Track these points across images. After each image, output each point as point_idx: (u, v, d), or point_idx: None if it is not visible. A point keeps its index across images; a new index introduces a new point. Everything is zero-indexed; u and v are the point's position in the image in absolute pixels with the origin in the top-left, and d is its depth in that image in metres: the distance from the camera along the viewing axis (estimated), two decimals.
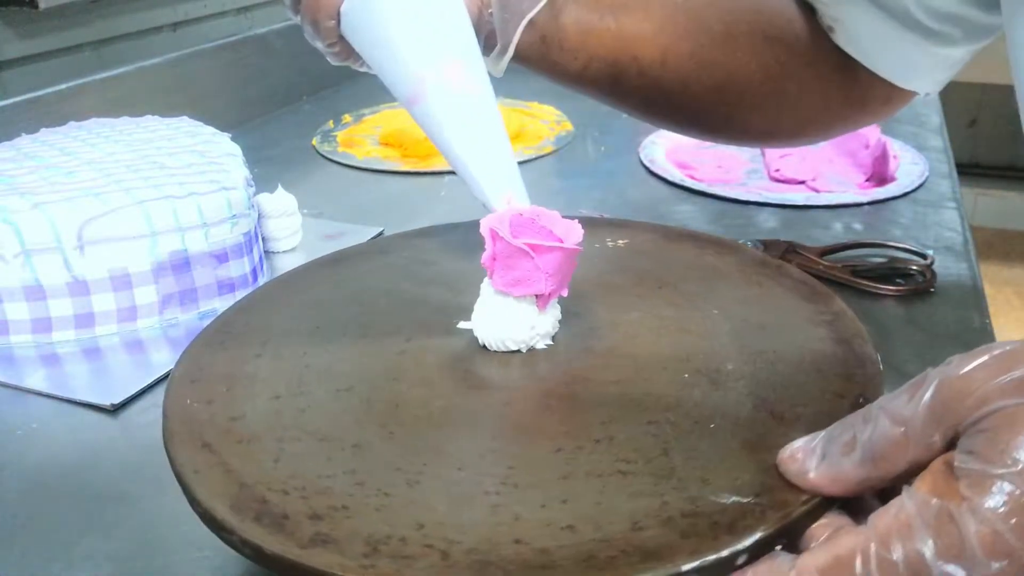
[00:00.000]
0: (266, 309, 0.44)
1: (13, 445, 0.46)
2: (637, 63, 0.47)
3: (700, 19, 0.48)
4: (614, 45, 0.46)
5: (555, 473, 0.31)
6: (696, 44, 0.48)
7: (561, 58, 0.46)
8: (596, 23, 0.46)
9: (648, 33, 0.47)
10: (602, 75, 0.47)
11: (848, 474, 0.26)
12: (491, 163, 0.39)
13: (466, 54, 0.40)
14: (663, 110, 0.51)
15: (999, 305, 2.03)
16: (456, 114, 0.39)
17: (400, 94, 0.40)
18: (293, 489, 0.30)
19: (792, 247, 0.61)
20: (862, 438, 0.26)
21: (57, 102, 0.80)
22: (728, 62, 0.48)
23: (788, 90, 0.50)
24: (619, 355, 0.38)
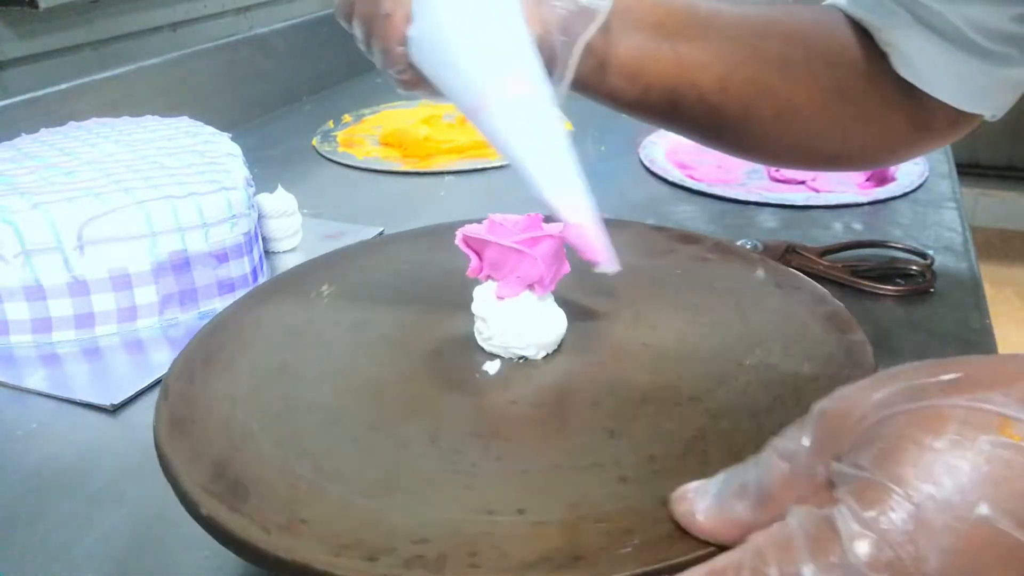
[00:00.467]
0: (263, 308, 0.43)
1: (13, 445, 0.46)
2: (697, 90, 0.47)
3: (757, 46, 0.48)
4: (673, 72, 0.46)
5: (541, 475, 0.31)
6: (754, 71, 0.48)
7: (620, 84, 0.46)
8: (654, 50, 0.46)
9: (706, 61, 0.47)
10: (661, 102, 0.47)
11: (736, 517, 0.25)
12: (553, 168, 0.40)
13: (527, 66, 0.41)
14: (725, 136, 0.51)
15: (999, 305, 2.03)
16: (517, 122, 0.40)
17: (462, 107, 0.41)
18: (285, 480, 0.31)
19: (792, 247, 0.61)
20: (751, 479, 0.25)
21: (57, 102, 0.80)
22: (787, 89, 0.48)
23: (851, 115, 0.50)
24: (623, 361, 0.38)
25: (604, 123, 0.96)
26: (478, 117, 0.41)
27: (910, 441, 0.22)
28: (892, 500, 0.21)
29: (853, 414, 0.23)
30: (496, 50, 0.40)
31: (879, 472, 0.22)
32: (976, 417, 0.22)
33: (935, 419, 0.22)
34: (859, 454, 0.23)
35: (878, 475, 0.22)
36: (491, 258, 0.38)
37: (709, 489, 0.26)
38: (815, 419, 0.24)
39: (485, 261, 0.38)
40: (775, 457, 0.24)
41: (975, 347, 0.52)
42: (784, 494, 0.24)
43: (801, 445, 0.24)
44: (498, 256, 0.38)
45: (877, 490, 0.22)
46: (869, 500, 0.21)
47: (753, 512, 0.24)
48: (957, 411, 0.22)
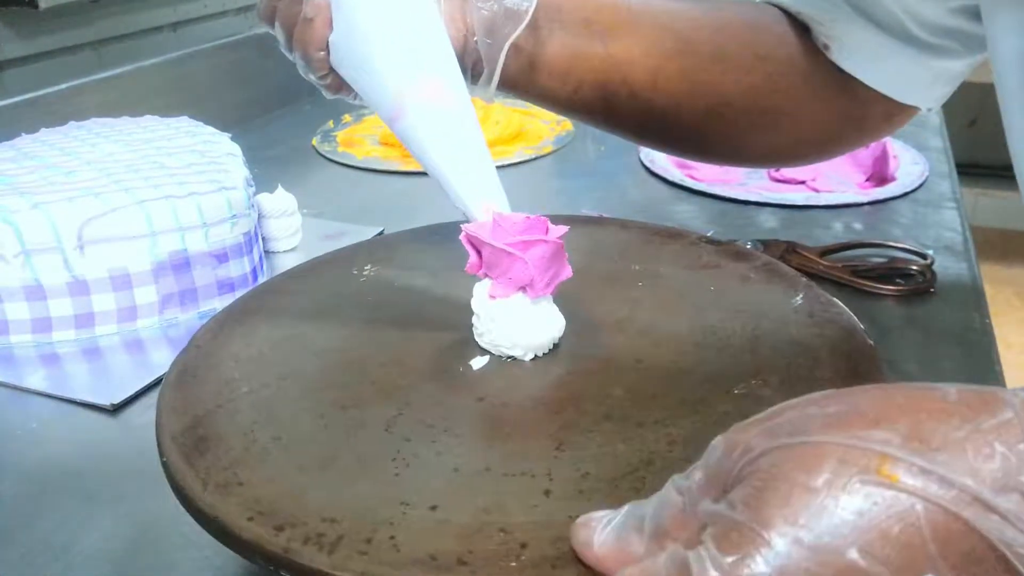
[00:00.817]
0: (264, 307, 0.44)
1: (13, 445, 0.46)
2: (628, 86, 0.47)
3: (688, 40, 0.48)
4: (603, 68, 0.46)
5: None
6: (686, 65, 0.47)
7: (550, 83, 0.46)
8: (584, 47, 0.46)
9: (637, 55, 0.47)
10: (593, 99, 0.47)
11: (630, 550, 0.24)
12: (471, 175, 0.39)
13: (444, 71, 0.40)
14: (658, 133, 0.51)
15: (999, 305, 2.03)
16: (434, 129, 0.39)
17: (383, 114, 0.41)
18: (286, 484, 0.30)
19: (792, 247, 0.61)
20: (648, 514, 0.24)
21: (57, 102, 0.80)
22: (719, 82, 0.48)
23: (783, 109, 0.50)
24: (622, 359, 0.38)
25: None
26: (395, 126, 0.40)
27: (783, 480, 0.21)
28: (755, 544, 0.20)
29: (738, 448, 0.23)
30: (412, 55, 0.40)
31: (747, 513, 0.21)
32: (854, 455, 0.21)
33: (811, 456, 0.21)
34: (735, 491, 0.22)
35: (744, 516, 0.21)
36: (488, 257, 0.38)
37: (611, 520, 0.25)
38: (708, 453, 0.24)
39: (484, 260, 0.38)
40: (672, 491, 0.24)
41: (975, 347, 0.52)
42: (676, 530, 0.23)
43: (694, 480, 0.23)
44: (493, 256, 0.38)
45: (742, 533, 0.21)
46: (732, 543, 0.21)
47: (647, 547, 0.23)
48: (835, 448, 0.21)
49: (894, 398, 0.22)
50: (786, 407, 0.23)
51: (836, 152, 0.56)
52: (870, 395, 0.22)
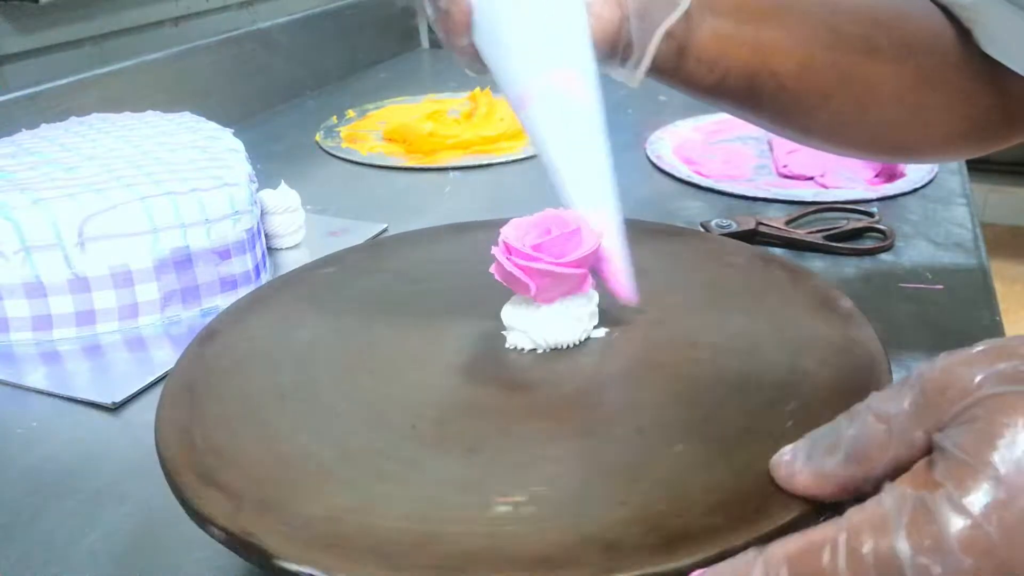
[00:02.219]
0: (269, 307, 0.43)
1: (13, 444, 0.46)
2: (775, 77, 0.46)
3: (840, 31, 0.47)
4: (750, 57, 0.45)
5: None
6: (836, 56, 0.46)
7: (697, 70, 0.45)
8: (734, 35, 0.45)
9: (786, 45, 0.46)
10: (739, 88, 0.46)
11: (831, 474, 0.25)
12: (584, 175, 0.39)
13: (577, 63, 0.40)
14: (803, 124, 0.49)
15: (1010, 302, 2.02)
16: (556, 122, 0.39)
17: (510, 100, 0.41)
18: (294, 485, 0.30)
19: (760, 222, 0.64)
20: (845, 437, 0.25)
21: (58, 97, 0.79)
22: (869, 75, 0.47)
23: (933, 103, 0.48)
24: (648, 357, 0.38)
25: (610, 119, 0.95)
26: (520, 114, 0.40)
27: (1010, 427, 0.22)
28: (988, 486, 0.21)
29: (955, 387, 0.23)
30: (547, 43, 0.40)
31: (977, 456, 0.22)
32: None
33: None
34: (959, 432, 0.23)
35: (975, 459, 0.22)
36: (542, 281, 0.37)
37: (802, 449, 0.27)
38: (916, 385, 0.24)
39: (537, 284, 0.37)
40: (871, 417, 0.25)
41: None
42: (879, 455, 0.24)
43: (901, 408, 0.24)
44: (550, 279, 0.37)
45: (975, 475, 0.21)
46: (967, 485, 0.21)
47: (849, 469, 0.25)
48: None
49: None
50: (993, 351, 0.24)
51: (988, 147, 0.53)
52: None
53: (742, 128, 0.85)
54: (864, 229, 0.64)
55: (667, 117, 0.90)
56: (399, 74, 1.21)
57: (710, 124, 0.88)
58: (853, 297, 0.41)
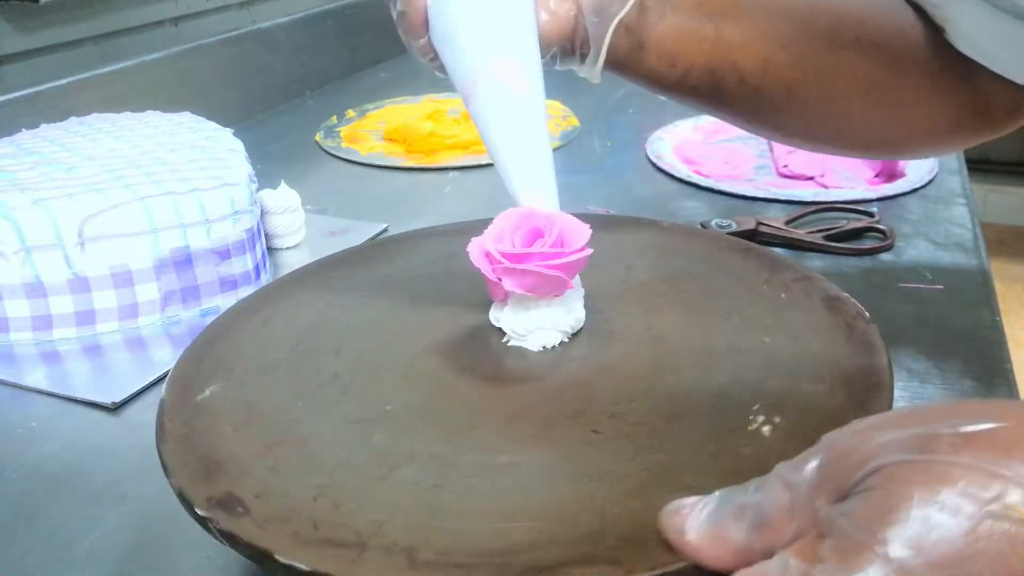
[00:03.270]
0: (270, 308, 0.43)
1: (13, 444, 0.46)
2: (737, 71, 0.46)
3: (803, 26, 0.46)
4: (712, 52, 0.45)
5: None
6: (799, 52, 0.46)
7: (659, 65, 0.46)
8: (694, 30, 0.45)
9: (748, 40, 0.46)
10: (702, 83, 0.46)
11: (730, 539, 0.23)
12: (525, 162, 0.40)
13: (521, 54, 0.41)
14: (768, 120, 0.49)
15: (1010, 302, 2.02)
16: (499, 110, 0.40)
17: (460, 91, 0.42)
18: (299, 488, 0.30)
19: (760, 222, 0.64)
20: (751, 502, 0.23)
21: (58, 97, 0.79)
22: (833, 70, 0.47)
23: (901, 99, 0.48)
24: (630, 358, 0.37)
25: (610, 118, 0.95)
26: (468, 104, 0.41)
27: (905, 500, 0.20)
28: (875, 565, 0.20)
29: (856, 454, 0.22)
30: (492, 35, 0.41)
31: (866, 530, 0.20)
32: (983, 482, 0.20)
33: (937, 479, 0.20)
34: (853, 502, 0.21)
35: (865, 533, 0.20)
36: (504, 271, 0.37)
37: (704, 507, 0.25)
38: (822, 451, 0.23)
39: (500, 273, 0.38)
40: (780, 484, 0.23)
41: (985, 345, 0.51)
42: (783, 524, 0.23)
43: (803, 477, 0.23)
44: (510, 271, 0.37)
45: (861, 551, 0.20)
46: (852, 562, 0.20)
47: (746, 537, 0.23)
48: (964, 471, 0.20)
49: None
50: (911, 415, 0.22)
51: (957, 144, 0.53)
52: (1007, 415, 0.21)
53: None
54: (864, 229, 0.64)
55: (667, 117, 0.90)
56: (399, 74, 1.21)
57: (710, 124, 0.88)
58: (853, 297, 0.41)
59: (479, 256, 0.37)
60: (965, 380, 0.48)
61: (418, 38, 0.43)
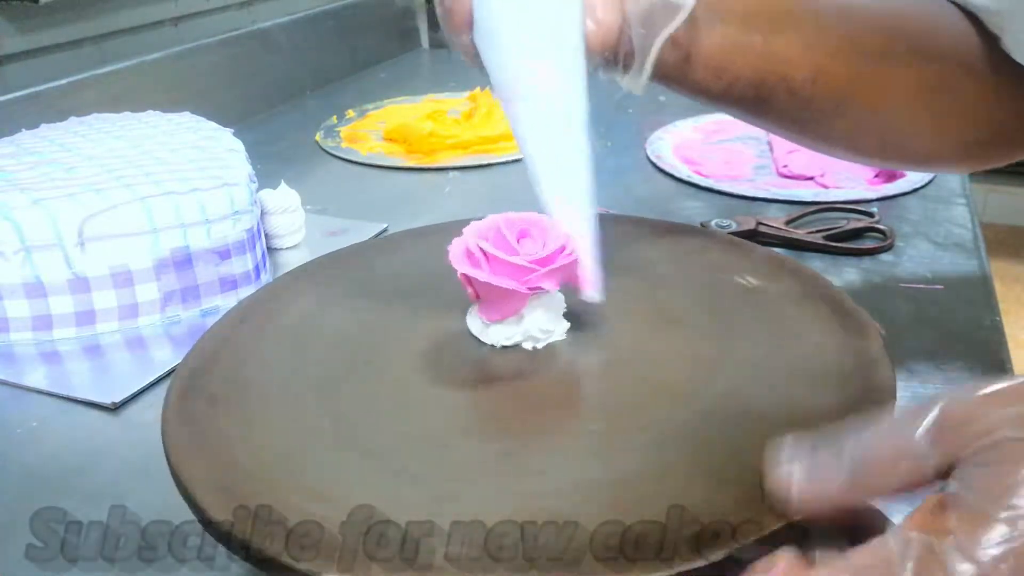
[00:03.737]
0: (272, 306, 0.43)
1: (13, 444, 0.46)
2: (786, 83, 0.45)
3: (853, 38, 0.45)
4: (760, 64, 0.44)
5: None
6: (849, 63, 0.45)
7: (705, 77, 0.45)
8: (742, 42, 0.44)
9: (798, 52, 0.45)
10: (749, 95, 0.45)
11: (831, 484, 0.24)
12: (559, 173, 0.40)
13: (564, 62, 0.41)
14: (815, 131, 0.48)
15: (1010, 303, 2.02)
16: (538, 117, 0.40)
17: (500, 95, 0.42)
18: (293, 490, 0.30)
19: (760, 222, 0.64)
20: (849, 453, 0.24)
21: (58, 97, 0.79)
22: (885, 80, 0.46)
23: (950, 109, 0.47)
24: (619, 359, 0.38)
25: (611, 118, 0.95)
26: (507, 108, 0.41)
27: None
28: (1001, 537, 0.20)
29: (976, 423, 0.22)
30: (537, 41, 0.40)
31: (992, 503, 0.21)
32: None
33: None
34: (975, 475, 0.22)
35: (990, 506, 0.21)
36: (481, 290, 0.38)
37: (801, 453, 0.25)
38: (938, 409, 0.23)
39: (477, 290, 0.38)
40: (882, 430, 0.24)
41: (985, 345, 0.51)
42: (887, 470, 0.23)
43: (915, 432, 0.23)
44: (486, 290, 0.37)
45: (988, 524, 0.21)
46: (978, 534, 0.21)
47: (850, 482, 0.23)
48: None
49: None
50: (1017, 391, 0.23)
51: (1005, 157, 0.52)
52: None
53: (742, 128, 0.85)
54: (864, 229, 0.64)
55: (667, 117, 0.90)
56: (399, 74, 1.21)
57: (710, 124, 0.88)
58: (853, 297, 0.41)
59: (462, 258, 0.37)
60: (965, 380, 0.48)
61: (461, 35, 0.42)
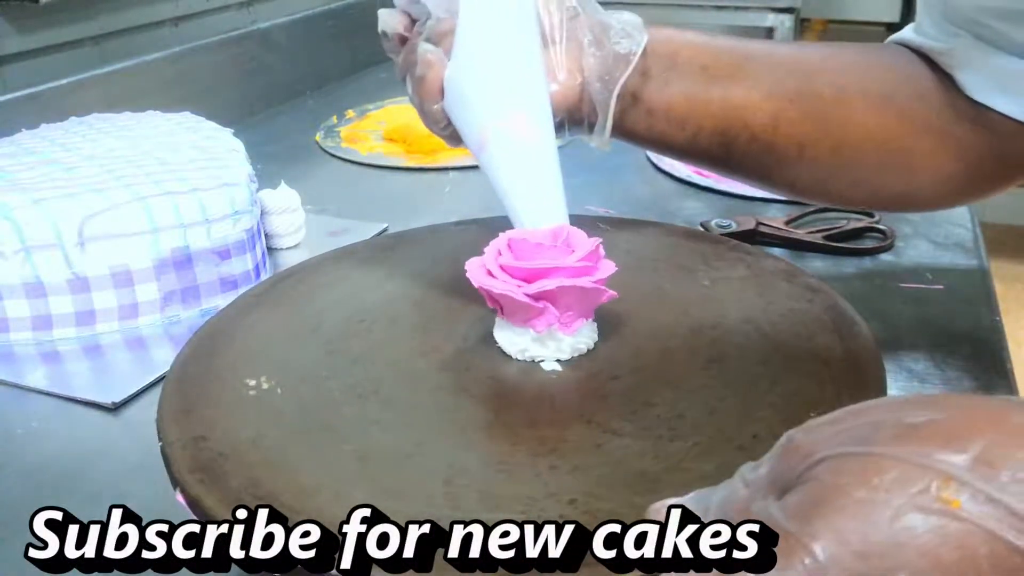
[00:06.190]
0: (270, 305, 0.43)
1: (13, 444, 0.46)
2: (748, 129, 0.46)
3: (810, 81, 0.47)
4: (722, 113, 0.46)
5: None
6: (808, 106, 0.47)
7: (668, 130, 0.47)
8: (701, 93, 0.46)
9: (756, 99, 0.46)
10: (712, 144, 0.47)
11: None
12: (538, 211, 0.41)
13: (531, 108, 0.42)
14: (782, 177, 0.49)
15: (1009, 302, 2.02)
16: (511, 160, 0.42)
17: (470, 144, 0.43)
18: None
19: (760, 222, 0.64)
20: (715, 502, 0.24)
21: (58, 97, 0.79)
22: (843, 123, 0.47)
23: (916, 149, 0.48)
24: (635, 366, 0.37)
25: None
26: (480, 155, 0.43)
27: (837, 491, 0.20)
28: (799, 556, 0.20)
29: (805, 447, 0.22)
30: (505, 91, 0.42)
31: (796, 521, 0.20)
32: (915, 474, 0.20)
33: (871, 469, 0.20)
34: (790, 496, 0.21)
35: (794, 525, 0.20)
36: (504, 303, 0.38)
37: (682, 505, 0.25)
38: (778, 448, 0.23)
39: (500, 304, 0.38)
40: (740, 483, 0.23)
41: (985, 345, 0.51)
42: (740, 519, 0.22)
43: (760, 474, 0.23)
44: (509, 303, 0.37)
45: (788, 543, 0.20)
46: (779, 553, 0.20)
47: None
48: (897, 464, 0.20)
49: (975, 414, 0.21)
50: (863, 408, 0.23)
51: (981, 194, 0.52)
52: (949, 408, 0.21)
53: None
54: (864, 229, 0.64)
55: None
56: None
57: None
58: (853, 297, 0.41)
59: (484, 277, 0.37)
60: (965, 380, 0.48)
61: (434, 103, 0.44)
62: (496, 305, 0.38)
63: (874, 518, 0.20)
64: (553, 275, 0.36)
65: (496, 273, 0.37)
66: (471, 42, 0.42)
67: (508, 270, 0.37)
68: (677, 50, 0.46)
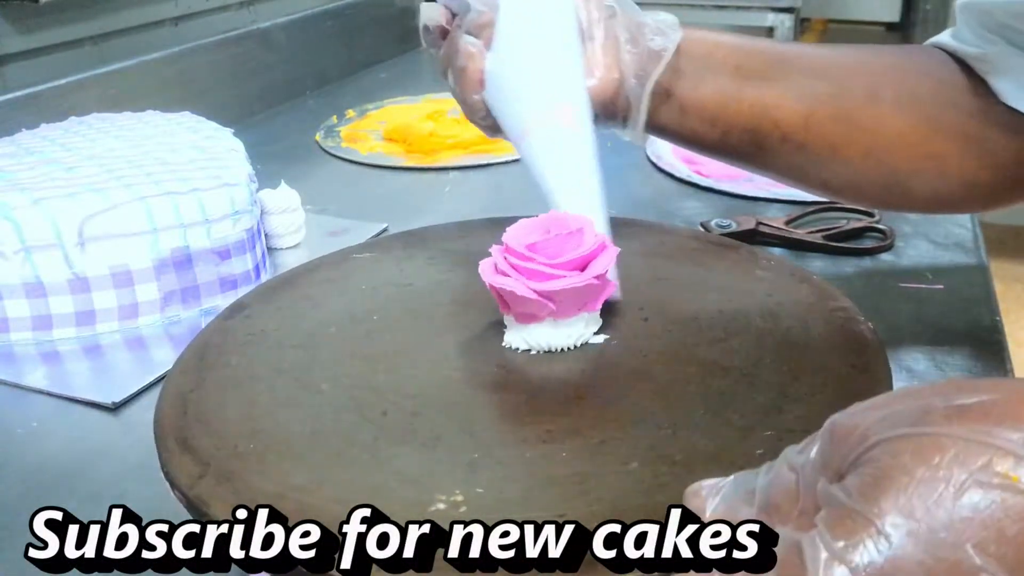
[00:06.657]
0: (271, 305, 0.43)
1: (13, 444, 0.46)
2: (779, 129, 0.47)
3: (842, 83, 0.47)
4: (753, 112, 0.47)
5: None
6: (839, 108, 0.47)
7: (700, 127, 0.47)
8: (734, 92, 0.47)
9: (788, 99, 0.47)
10: (743, 143, 0.48)
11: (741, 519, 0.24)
12: (575, 198, 0.43)
13: (573, 100, 0.44)
14: (818, 177, 0.49)
15: (1010, 302, 2.02)
16: (552, 150, 0.43)
17: (511, 133, 0.45)
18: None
19: (760, 222, 0.64)
20: (760, 486, 0.24)
21: (57, 97, 0.79)
22: (875, 124, 0.47)
23: (949, 151, 0.48)
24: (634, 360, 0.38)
25: None
26: (520, 143, 0.44)
27: (899, 470, 0.21)
28: (868, 532, 0.20)
29: (857, 431, 0.23)
30: (549, 83, 0.44)
31: (861, 500, 0.21)
32: (974, 451, 0.20)
33: (930, 448, 0.21)
34: (850, 477, 0.22)
35: (859, 503, 0.21)
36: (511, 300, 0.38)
37: (720, 489, 0.25)
38: (825, 432, 0.24)
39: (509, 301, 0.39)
40: (785, 467, 0.24)
41: (985, 345, 0.51)
42: (788, 506, 0.23)
43: (808, 458, 0.23)
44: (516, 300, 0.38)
45: (855, 520, 0.21)
46: (844, 530, 0.21)
47: (760, 518, 0.24)
48: (956, 442, 0.21)
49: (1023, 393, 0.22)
50: (908, 393, 0.23)
51: (1008, 199, 0.52)
52: (999, 388, 0.22)
53: None
54: (864, 229, 0.64)
55: None
56: (399, 74, 1.20)
57: None
58: (853, 297, 0.41)
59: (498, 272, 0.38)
60: None
61: (474, 94, 0.45)
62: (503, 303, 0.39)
63: (937, 495, 0.20)
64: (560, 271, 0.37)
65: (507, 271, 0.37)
66: (512, 35, 0.43)
67: (517, 268, 0.37)
68: (711, 50, 0.47)
